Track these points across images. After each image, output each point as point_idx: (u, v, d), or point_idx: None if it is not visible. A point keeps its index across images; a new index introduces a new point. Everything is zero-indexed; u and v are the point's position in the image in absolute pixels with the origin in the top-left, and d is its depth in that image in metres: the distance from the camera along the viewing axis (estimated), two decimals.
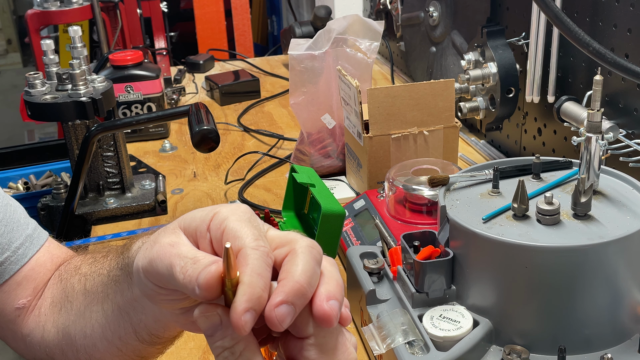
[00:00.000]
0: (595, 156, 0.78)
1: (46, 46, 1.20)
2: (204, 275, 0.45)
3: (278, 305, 0.44)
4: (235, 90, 1.87)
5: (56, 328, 0.71)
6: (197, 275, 0.45)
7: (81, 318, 0.68)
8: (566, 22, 0.84)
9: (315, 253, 0.48)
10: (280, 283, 0.46)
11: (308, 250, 0.48)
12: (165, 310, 0.55)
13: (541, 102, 1.21)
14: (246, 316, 0.43)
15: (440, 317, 0.76)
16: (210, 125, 1.06)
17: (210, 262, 0.46)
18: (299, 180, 1.00)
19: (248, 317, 0.43)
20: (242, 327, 0.43)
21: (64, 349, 0.71)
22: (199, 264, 0.46)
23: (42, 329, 0.73)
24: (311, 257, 0.47)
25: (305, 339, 0.47)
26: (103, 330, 0.65)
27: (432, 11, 1.60)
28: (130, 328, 0.62)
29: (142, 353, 0.65)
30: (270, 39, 3.78)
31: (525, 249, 0.71)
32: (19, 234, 0.76)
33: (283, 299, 0.44)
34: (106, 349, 0.66)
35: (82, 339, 0.68)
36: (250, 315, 0.44)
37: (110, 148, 1.28)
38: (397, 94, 1.13)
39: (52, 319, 0.72)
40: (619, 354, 0.73)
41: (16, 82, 5.21)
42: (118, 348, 0.65)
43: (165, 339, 0.63)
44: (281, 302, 0.44)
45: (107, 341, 0.65)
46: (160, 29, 2.48)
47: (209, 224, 0.49)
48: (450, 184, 0.85)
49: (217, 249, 0.49)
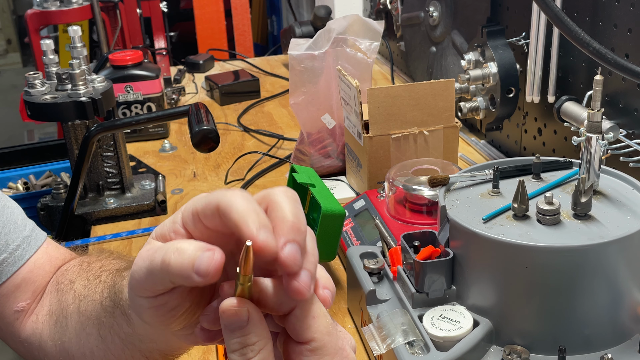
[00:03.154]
0: (595, 156, 0.78)
1: (46, 46, 1.20)
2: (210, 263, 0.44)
3: (284, 245, 0.44)
4: (235, 90, 1.87)
5: (53, 341, 0.71)
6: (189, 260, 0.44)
7: (77, 338, 0.67)
8: (566, 22, 0.84)
9: (292, 194, 0.48)
10: (275, 229, 0.45)
11: (285, 194, 0.48)
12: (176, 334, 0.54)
13: (541, 102, 1.21)
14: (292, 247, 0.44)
15: (440, 317, 0.75)
16: (210, 125, 1.05)
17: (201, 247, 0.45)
18: (299, 180, 1.00)
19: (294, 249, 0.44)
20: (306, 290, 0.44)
21: None
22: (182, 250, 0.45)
23: (39, 336, 0.73)
24: (290, 199, 0.47)
25: (304, 344, 0.47)
26: (105, 355, 0.63)
27: (432, 11, 1.60)
28: (139, 354, 0.61)
29: None
30: (270, 39, 3.78)
31: (526, 249, 0.71)
32: (16, 236, 0.76)
33: (285, 239, 0.45)
34: None
35: (81, 358, 0.67)
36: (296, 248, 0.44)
37: (110, 148, 1.28)
38: (397, 94, 1.13)
39: (48, 330, 0.72)
40: (619, 354, 0.72)
41: (16, 82, 5.21)
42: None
43: (180, 354, 0.63)
44: (285, 242, 0.44)
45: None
46: (160, 29, 2.48)
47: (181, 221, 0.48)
48: (450, 184, 0.85)
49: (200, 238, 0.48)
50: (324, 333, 0.47)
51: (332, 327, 0.48)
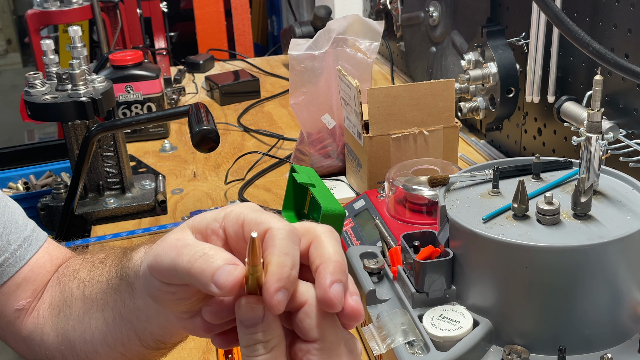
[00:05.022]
0: (595, 156, 0.78)
1: (46, 46, 1.20)
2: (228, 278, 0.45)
3: (331, 285, 0.46)
4: (235, 90, 1.87)
5: (55, 332, 0.71)
6: (214, 270, 0.45)
7: (80, 324, 0.67)
8: (566, 22, 0.84)
9: (336, 236, 0.49)
10: (322, 267, 0.47)
11: (330, 234, 0.49)
12: (172, 317, 0.55)
13: (541, 102, 1.21)
14: (279, 295, 0.44)
15: (440, 317, 0.75)
16: (210, 125, 1.05)
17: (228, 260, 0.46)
18: (299, 180, 1.00)
19: (281, 297, 0.44)
20: (276, 306, 0.44)
21: (63, 352, 0.70)
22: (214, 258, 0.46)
23: (41, 331, 0.73)
24: (335, 240, 0.49)
25: (311, 342, 0.47)
26: (104, 337, 0.65)
27: (432, 11, 1.60)
28: (134, 335, 0.62)
29: (146, 357, 0.65)
30: (270, 39, 3.78)
31: (525, 249, 0.71)
32: (17, 236, 0.76)
33: (333, 279, 0.46)
34: (108, 354, 0.65)
35: (82, 345, 0.68)
36: (283, 295, 0.44)
37: (110, 148, 1.28)
38: (397, 94, 1.13)
39: (51, 322, 0.72)
40: (619, 354, 0.73)
41: (16, 82, 5.21)
42: (121, 353, 0.65)
43: (170, 344, 0.63)
44: (332, 282, 0.46)
45: (108, 347, 0.65)
46: (160, 29, 2.48)
47: (222, 222, 0.49)
48: (450, 184, 0.85)
49: (234, 246, 0.49)
50: (332, 332, 0.48)
51: (339, 328, 0.49)
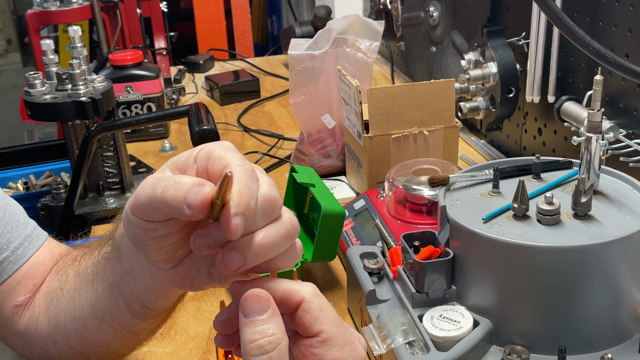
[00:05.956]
0: (595, 156, 0.78)
1: (46, 46, 1.20)
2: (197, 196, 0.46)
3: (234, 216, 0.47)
4: (235, 90, 1.87)
5: (48, 318, 0.72)
6: (184, 193, 0.47)
7: (71, 302, 0.69)
8: (566, 22, 0.84)
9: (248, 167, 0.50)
10: None
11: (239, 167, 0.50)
12: (156, 272, 0.57)
13: (541, 102, 1.21)
14: (236, 220, 0.45)
15: (440, 317, 0.75)
16: (210, 125, 1.05)
17: (196, 182, 0.47)
18: (299, 180, 1.00)
19: (238, 221, 0.45)
20: (233, 230, 0.45)
21: (55, 338, 0.71)
22: (183, 183, 0.47)
23: (36, 321, 0.74)
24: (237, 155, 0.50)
25: (314, 337, 0.49)
26: (93, 309, 0.66)
27: (432, 11, 1.60)
28: (122, 302, 0.63)
29: (134, 328, 0.66)
30: (270, 39, 3.78)
31: (526, 249, 0.71)
32: (18, 234, 0.76)
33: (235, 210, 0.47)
34: (97, 327, 0.67)
35: (71, 323, 0.69)
36: (240, 220, 0.45)
37: (110, 148, 1.28)
38: (397, 94, 1.13)
39: (44, 310, 0.73)
40: (619, 354, 0.72)
41: (16, 82, 5.21)
42: (110, 325, 0.66)
43: (157, 311, 0.64)
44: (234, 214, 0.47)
45: (97, 320, 0.66)
46: (160, 28, 2.48)
47: (196, 156, 0.51)
48: (451, 184, 0.85)
49: (202, 176, 0.51)
50: (332, 325, 0.49)
51: (339, 320, 0.50)
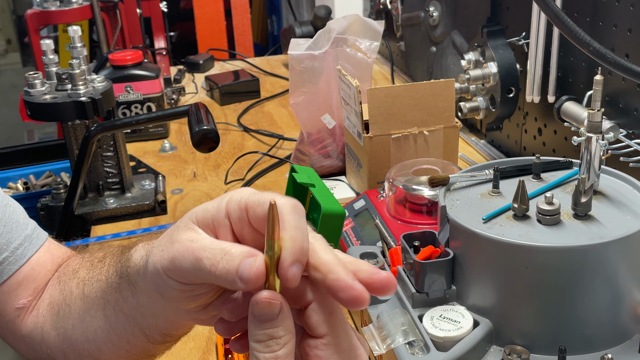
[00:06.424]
0: (595, 156, 0.78)
1: (46, 46, 1.20)
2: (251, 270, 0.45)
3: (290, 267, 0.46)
4: (235, 90, 1.87)
5: (56, 331, 0.71)
6: (236, 266, 0.46)
7: (81, 322, 0.67)
8: (566, 22, 0.84)
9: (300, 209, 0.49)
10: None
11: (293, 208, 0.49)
12: (182, 312, 0.55)
13: (541, 102, 1.21)
14: (293, 269, 0.45)
15: (440, 317, 0.75)
16: (210, 125, 1.05)
17: (246, 253, 0.46)
18: (299, 180, 1.00)
19: (295, 270, 0.45)
20: (292, 280, 0.45)
21: (65, 351, 0.70)
22: (233, 255, 0.47)
23: (41, 329, 0.73)
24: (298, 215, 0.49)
25: (319, 338, 0.48)
26: (107, 335, 0.64)
27: (432, 11, 1.60)
28: (139, 331, 0.62)
29: (151, 352, 0.65)
30: (270, 39, 3.78)
31: (526, 249, 0.71)
32: (18, 234, 0.76)
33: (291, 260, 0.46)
34: (112, 351, 0.65)
35: (84, 343, 0.67)
36: (297, 268, 0.45)
37: (110, 148, 1.28)
38: (397, 94, 1.13)
39: (50, 321, 0.72)
40: (619, 354, 0.72)
41: (16, 82, 5.20)
42: (126, 350, 0.64)
43: (177, 336, 0.64)
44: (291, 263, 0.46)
45: (112, 344, 0.65)
46: (160, 28, 2.48)
47: (226, 211, 0.50)
48: (451, 184, 0.85)
49: (239, 232, 0.50)
50: (339, 329, 0.48)
51: (347, 325, 0.49)
